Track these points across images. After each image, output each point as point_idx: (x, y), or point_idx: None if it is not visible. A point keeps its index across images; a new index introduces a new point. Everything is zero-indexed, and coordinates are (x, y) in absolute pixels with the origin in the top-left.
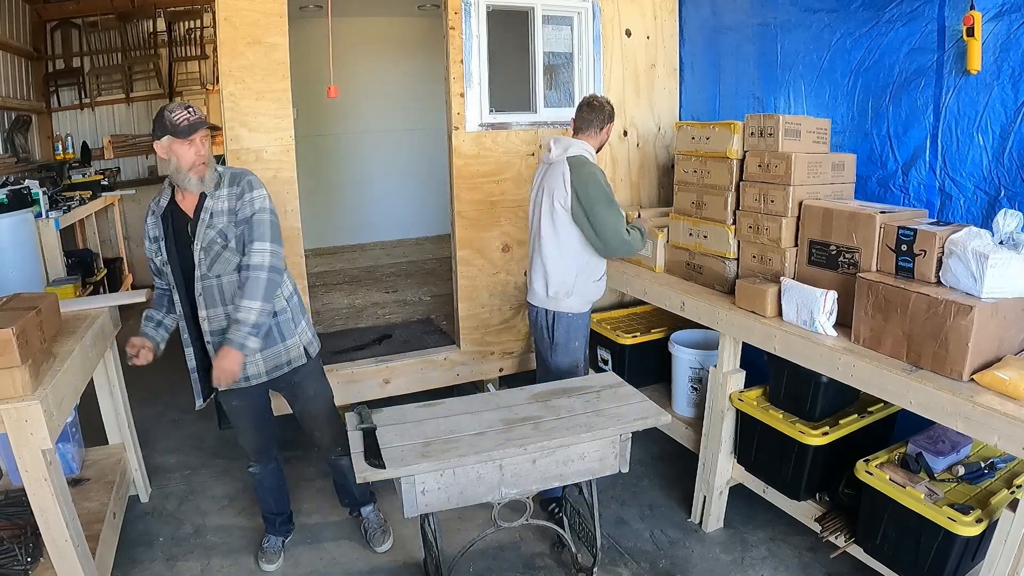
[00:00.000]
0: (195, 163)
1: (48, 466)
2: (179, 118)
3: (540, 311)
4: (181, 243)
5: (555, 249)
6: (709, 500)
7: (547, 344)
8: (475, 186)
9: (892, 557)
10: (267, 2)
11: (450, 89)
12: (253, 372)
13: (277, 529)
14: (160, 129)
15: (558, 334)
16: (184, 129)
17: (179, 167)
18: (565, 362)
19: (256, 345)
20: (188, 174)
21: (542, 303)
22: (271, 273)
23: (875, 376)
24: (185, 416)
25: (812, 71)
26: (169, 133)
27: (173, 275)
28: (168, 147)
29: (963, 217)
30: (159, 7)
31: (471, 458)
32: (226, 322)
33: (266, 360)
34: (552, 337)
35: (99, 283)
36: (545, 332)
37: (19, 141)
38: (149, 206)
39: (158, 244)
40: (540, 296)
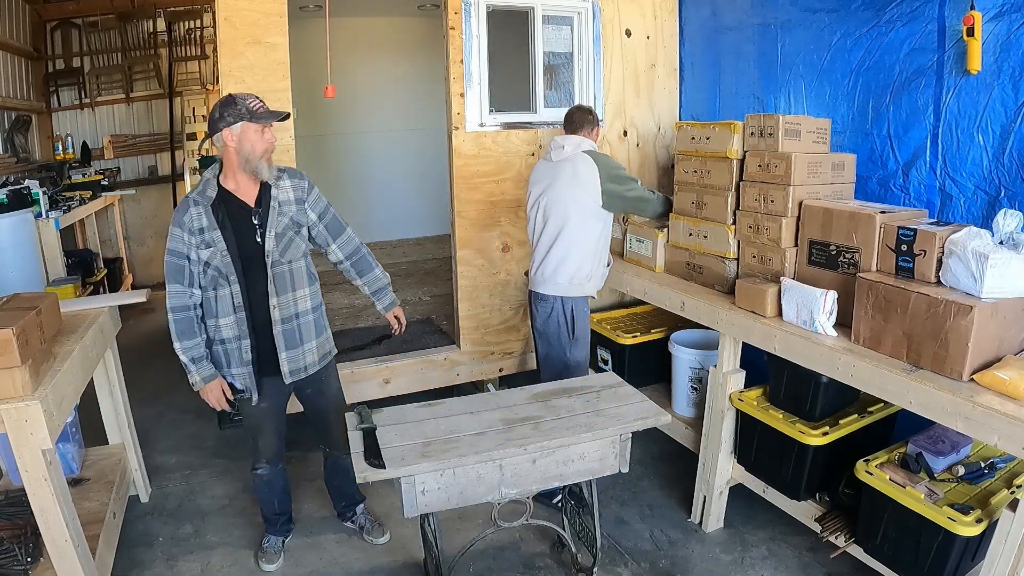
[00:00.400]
0: (267, 150)
1: (48, 466)
2: (255, 104)
3: (558, 302)
4: (241, 232)
5: (585, 237)
6: (709, 500)
7: (566, 338)
8: (475, 186)
9: (892, 557)
10: (267, 2)
11: (450, 89)
12: (310, 361)
13: (278, 529)
14: (233, 115)
15: (578, 323)
16: (263, 114)
17: (252, 153)
18: (582, 353)
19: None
20: (261, 161)
21: (564, 291)
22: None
23: (875, 376)
24: (185, 416)
25: (812, 71)
26: (244, 119)
27: (232, 265)
28: (240, 134)
29: (963, 217)
30: (159, 7)
31: (471, 458)
32: (294, 308)
33: (318, 350)
34: (572, 328)
35: (99, 283)
36: (565, 325)
37: (19, 141)
38: (189, 199)
39: (204, 235)
40: (562, 285)
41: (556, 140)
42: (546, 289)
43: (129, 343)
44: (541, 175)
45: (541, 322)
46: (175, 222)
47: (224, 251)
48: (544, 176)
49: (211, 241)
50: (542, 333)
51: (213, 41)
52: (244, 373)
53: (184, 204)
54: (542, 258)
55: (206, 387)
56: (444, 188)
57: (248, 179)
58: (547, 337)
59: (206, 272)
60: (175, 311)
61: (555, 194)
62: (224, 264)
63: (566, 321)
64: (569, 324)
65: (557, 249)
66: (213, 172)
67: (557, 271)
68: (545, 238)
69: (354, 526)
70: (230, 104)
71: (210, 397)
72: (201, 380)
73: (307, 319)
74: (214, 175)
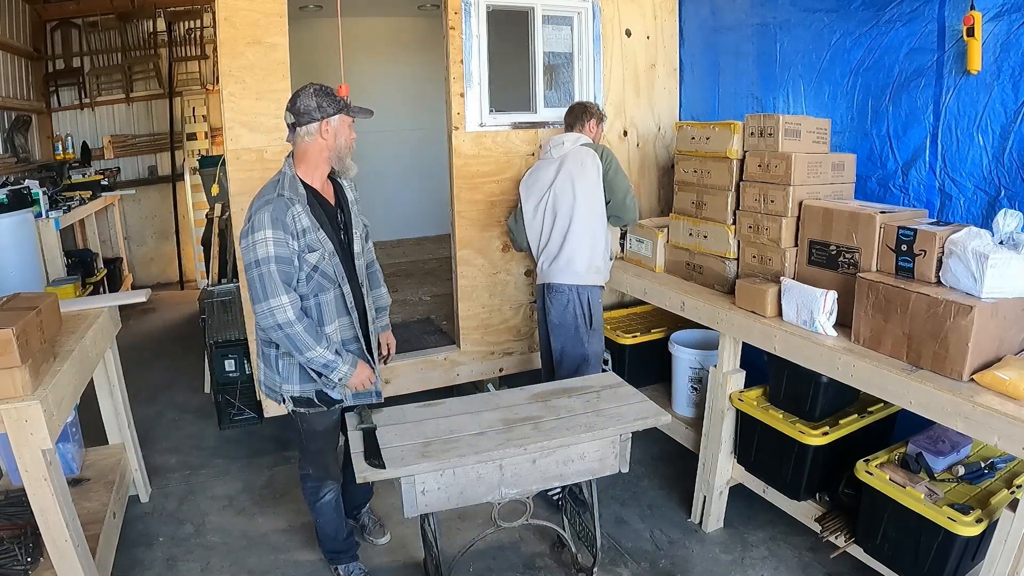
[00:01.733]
0: (352, 147)
1: (48, 466)
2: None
3: (574, 292)
4: (334, 232)
5: (594, 230)
6: (709, 500)
7: (584, 328)
8: (475, 186)
9: (892, 557)
10: (267, 2)
11: (450, 89)
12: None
13: (354, 553)
14: (333, 107)
15: (595, 313)
16: (356, 109)
17: (344, 148)
18: (600, 345)
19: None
20: (349, 157)
21: (582, 280)
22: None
23: (875, 376)
24: (185, 416)
25: (811, 71)
26: (343, 111)
27: (339, 266)
28: (337, 126)
29: (963, 217)
30: (159, 7)
31: (471, 458)
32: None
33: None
34: (590, 318)
35: (99, 283)
36: (582, 315)
37: (19, 141)
38: (283, 197)
39: (307, 237)
40: (580, 273)
41: (554, 139)
42: (563, 279)
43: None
44: (542, 175)
45: (557, 315)
46: (274, 224)
47: (332, 252)
48: (546, 175)
49: (315, 244)
50: (558, 326)
51: (213, 41)
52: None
53: (279, 203)
54: (556, 251)
55: (356, 371)
56: (444, 188)
57: (324, 177)
58: (564, 329)
59: (311, 278)
60: (300, 320)
61: (561, 187)
62: (334, 265)
63: (583, 311)
64: (586, 314)
65: (572, 239)
66: (290, 167)
67: (572, 260)
68: (556, 233)
69: (356, 524)
70: (326, 94)
71: (362, 374)
72: (350, 367)
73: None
74: (292, 170)
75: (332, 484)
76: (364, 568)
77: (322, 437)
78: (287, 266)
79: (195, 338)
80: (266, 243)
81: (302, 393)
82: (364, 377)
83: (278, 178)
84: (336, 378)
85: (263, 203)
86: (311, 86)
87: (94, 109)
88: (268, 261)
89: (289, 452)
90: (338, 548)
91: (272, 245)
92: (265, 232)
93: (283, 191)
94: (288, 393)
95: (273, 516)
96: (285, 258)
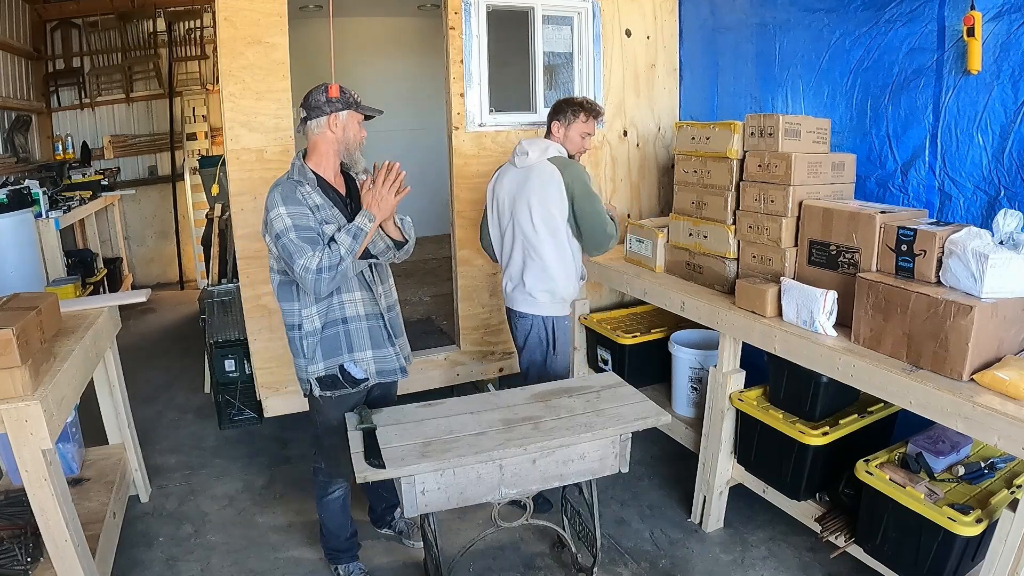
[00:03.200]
0: (361, 143)
1: (48, 466)
2: (358, 96)
3: (539, 320)
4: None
5: (558, 257)
6: (709, 500)
7: (548, 353)
8: (475, 186)
9: (892, 557)
10: (267, 2)
11: (450, 89)
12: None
13: (355, 553)
14: (342, 102)
15: (559, 339)
16: (366, 108)
17: (353, 142)
18: (563, 365)
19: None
20: (359, 151)
21: (545, 311)
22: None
23: (875, 376)
24: (185, 416)
25: (811, 71)
26: (352, 107)
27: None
28: (346, 121)
29: (963, 217)
30: (159, 7)
31: (471, 458)
32: (387, 299)
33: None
34: (554, 345)
35: (99, 283)
36: (546, 341)
37: (19, 141)
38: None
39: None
40: (544, 304)
41: (522, 144)
42: (525, 308)
43: (129, 343)
44: (507, 183)
45: (521, 338)
46: (286, 200)
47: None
48: (510, 185)
49: (330, 219)
50: (523, 348)
51: (213, 41)
52: (366, 358)
53: (288, 185)
54: (518, 275)
55: (374, 213)
56: (444, 188)
57: (335, 171)
58: (528, 351)
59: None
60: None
61: (521, 211)
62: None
63: (547, 337)
64: (549, 340)
65: (532, 267)
66: (300, 159)
67: (535, 289)
68: (516, 255)
69: (392, 532)
70: (336, 91)
71: (385, 200)
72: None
73: (397, 311)
74: (301, 161)
75: (342, 483)
76: (364, 568)
77: (337, 432)
78: (308, 232)
79: (195, 338)
80: (281, 218)
81: (327, 371)
82: (384, 200)
83: (288, 170)
84: (367, 224)
85: (273, 186)
86: (323, 85)
87: (94, 109)
88: (287, 231)
89: (289, 452)
90: (339, 547)
91: (287, 218)
92: (278, 209)
93: (291, 176)
94: (314, 375)
95: (273, 516)
96: (304, 226)
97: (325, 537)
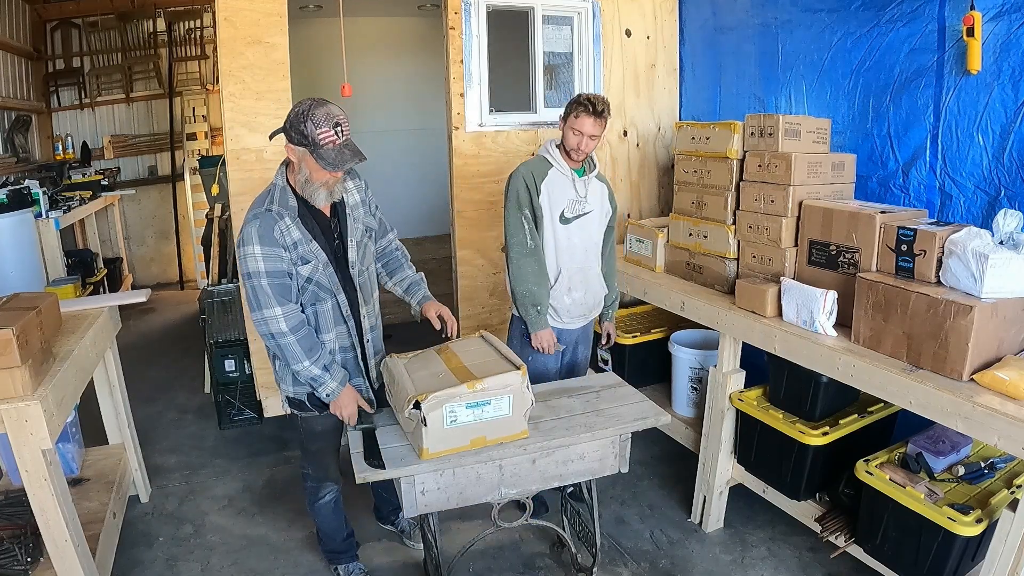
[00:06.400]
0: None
1: (48, 466)
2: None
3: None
4: (328, 243)
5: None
6: (709, 500)
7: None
8: (475, 186)
9: (892, 557)
10: (267, 2)
11: (450, 89)
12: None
13: (354, 554)
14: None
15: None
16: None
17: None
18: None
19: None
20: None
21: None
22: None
23: (875, 376)
24: (185, 416)
25: (813, 71)
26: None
27: (334, 276)
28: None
29: (963, 217)
30: (159, 7)
31: (471, 458)
32: (374, 315)
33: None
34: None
35: (99, 283)
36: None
37: (19, 141)
38: (272, 212)
39: (299, 249)
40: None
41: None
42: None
43: (129, 343)
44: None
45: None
46: (262, 240)
47: (326, 262)
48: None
49: (308, 255)
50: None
51: (213, 41)
52: (359, 386)
53: (267, 218)
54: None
55: (343, 392)
56: (444, 188)
57: None
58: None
59: (305, 290)
60: (295, 331)
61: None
62: (328, 276)
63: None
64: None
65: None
66: (283, 177)
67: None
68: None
69: (395, 529)
70: (304, 119)
71: (348, 404)
72: (339, 384)
73: (379, 328)
74: (284, 180)
75: (332, 486)
76: (364, 568)
77: (321, 438)
78: (280, 279)
79: (195, 338)
80: (255, 259)
81: (295, 395)
82: (353, 401)
83: (270, 189)
84: (324, 393)
85: (251, 216)
86: (307, 103)
87: (94, 109)
88: (259, 275)
89: (289, 452)
90: (337, 549)
91: (261, 260)
92: (253, 248)
93: (271, 205)
94: (284, 393)
95: (273, 516)
96: (277, 271)
97: (323, 540)
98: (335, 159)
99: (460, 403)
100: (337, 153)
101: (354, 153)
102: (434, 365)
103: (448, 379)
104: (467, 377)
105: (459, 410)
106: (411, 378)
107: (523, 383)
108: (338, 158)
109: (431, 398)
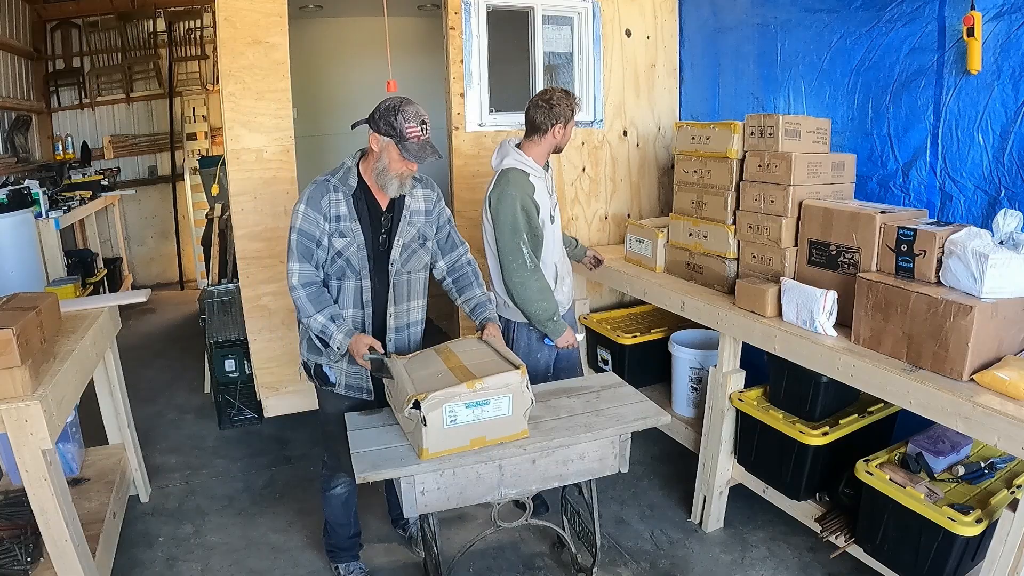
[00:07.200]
0: (403, 174)
1: (48, 466)
2: (412, 131)
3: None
4: (371, 232)
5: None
6: (709, 500)
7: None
8: (475, 186)
9: (892, 557)
10: (267, 2)
11: (450, 89)
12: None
13: (356, 553)
14: (387, 128)
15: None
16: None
17: (386, 169)
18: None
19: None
20: (393, 179)
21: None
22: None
23: (875, 376)
24: (185, 416)
25: (812, 71)
26: (394, 139)
27: (366, 260)
28: (384, 147)
29: (963, 217)
30: (159, 7)
31: (471, 458)
32: (407, 318)
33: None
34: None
35: (99, 283)
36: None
37: (19, 141)
38: (329, 183)
39: (341, 224)
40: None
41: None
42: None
43: (129, 343)
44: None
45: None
46: (309, 202)
47: (361, 244)
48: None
49: (347, 232)
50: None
51: (213, 41)
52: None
53: (322, 186)
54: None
55: (353, 340)
56: (444, 188)
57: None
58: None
59: (335, 261)
60: (305, 286)
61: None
62: (359, 258)
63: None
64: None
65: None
66: (355, 160)
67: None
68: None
69: (404, 534)
70: (395, 113)
71: (359, 345)
72: (345, 335)
73: (417, 330)
74: (355, 163)
75: (344, 478)
76: (364, 568)
77: (333, 421)
78: (308, 240)
79: (195, 338)
80: (297, 215)
81: (307, 359)
82: (365, 346)
83: (340, 166)
84: (335, 346)
85: (313, 181)
86: (398, 99)
87: (94, 109)
88: (294, 231)
89: (289, 452)
90: (340, 545)
91: (300, 218)
92: (300, 205)
93: (331, 178)
94: (302, 359)
95: (273, 516)
96: (308, 233)
97: (328, 533)
98: (418, 152)
99: (460, 403)
100: (420, 147)
101: (434, 150)
102: (434, 365)
103: (448, 379)
104: (467, 377)
105: (459, 410)
106: (411, 378)
107: (523, 383)
108: (420, 151)
109: (431, 398)
